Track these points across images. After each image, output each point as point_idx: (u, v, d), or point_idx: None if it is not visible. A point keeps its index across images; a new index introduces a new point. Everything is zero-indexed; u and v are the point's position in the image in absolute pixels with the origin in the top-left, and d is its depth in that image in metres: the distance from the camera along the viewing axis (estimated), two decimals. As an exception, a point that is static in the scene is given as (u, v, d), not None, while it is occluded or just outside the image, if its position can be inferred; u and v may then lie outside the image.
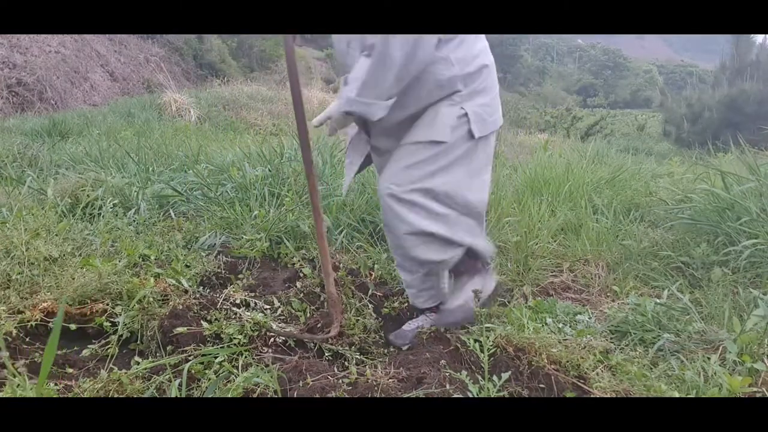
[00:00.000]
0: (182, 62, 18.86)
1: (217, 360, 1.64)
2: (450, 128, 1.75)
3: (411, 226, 1.75)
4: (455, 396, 1.48)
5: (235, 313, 1.97)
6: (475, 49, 1.79)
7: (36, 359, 1.65)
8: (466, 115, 1.76)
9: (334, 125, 1.80)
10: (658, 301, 2.19)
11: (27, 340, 1.77)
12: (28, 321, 1.80)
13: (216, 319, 1.89)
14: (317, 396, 1.46)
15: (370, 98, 1.69)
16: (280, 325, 1.98)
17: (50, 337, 1.21)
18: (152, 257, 2.34)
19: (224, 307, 2.02)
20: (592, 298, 2.52)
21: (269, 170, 3.58)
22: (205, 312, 1.96)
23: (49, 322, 1.82)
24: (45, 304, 1.86)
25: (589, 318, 2.22)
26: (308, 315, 2.06)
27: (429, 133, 1.76)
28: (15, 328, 1.73)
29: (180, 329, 1.80)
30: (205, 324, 1.85)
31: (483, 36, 1.86)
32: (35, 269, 2.10)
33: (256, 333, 1.85)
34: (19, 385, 1.35)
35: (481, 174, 1.87)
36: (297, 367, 1.62)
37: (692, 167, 4.68)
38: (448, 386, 1.51)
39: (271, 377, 1.49)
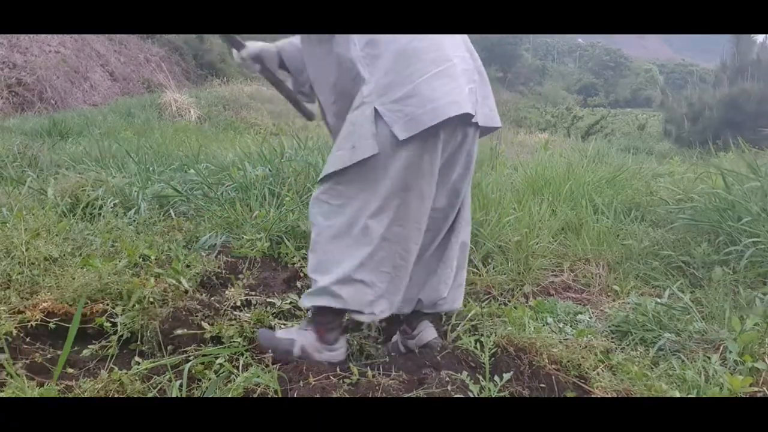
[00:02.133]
0: (182, 62, 18.85)
1: (217, 360, 1.64)
2: (372, 136, 1.49)
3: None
4: (456, 396, 1.47)
5: (236, 317, 1.97)
6: None
7: (36, 359, 1.65)
8: (377, 113, 1.49)
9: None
10: (658, 300, 2.19)
11: (27, 340, 1.77)
12: (28, 321, 1.80)
13: (217, 323, 1.89)
14: (318, 396, 1.45)
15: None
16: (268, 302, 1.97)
17: (67, 338, 1.23)
18: (152, 257, 2.34)
19: (225, 310, 2.01)
20: (593, 297, 2.52)
21: (270, 170, 3.58)
22: (208, 310, 1.95)
23: (49, 322, 1.82)
24: (45, 304, 1.86)
25: (590, 318, 2.22)
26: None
27: (353, 154, 1.52)
28: (15, 328, 1.73)
29: (179, 331, 1.80)
30: (206, 326, 1.85)
31: None
32: (35, 269, 2.10)
33: (256, 334, 1.85)
34: (18, 387, 1.36)
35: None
36: (297, 367, 1.62)
37: (693, 167, 4.68)
38: (449, 387, 1.51)
39: (271, 377, 1.49)
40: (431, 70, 1.50)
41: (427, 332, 1.84)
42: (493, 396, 1.48)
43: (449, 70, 1.53)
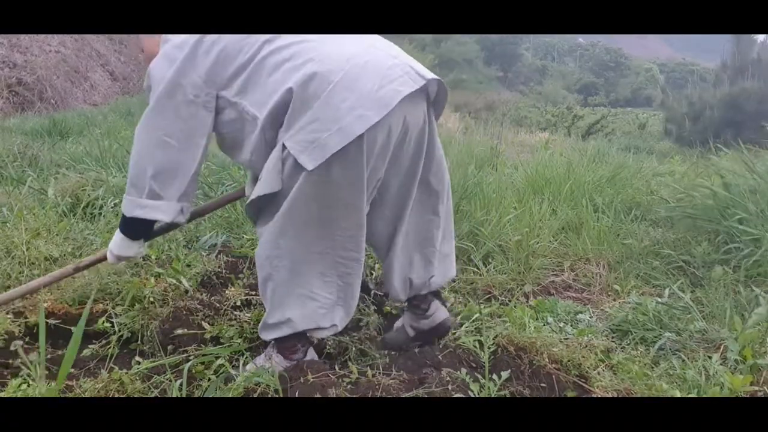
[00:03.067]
0: (182, 61, 18.81)
1: (217, 360, 1.64)
2: (277, 173, 1.46)
3: None
4: (456, 396, 1.47)
5: (237, 317, 1.97)
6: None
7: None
8: (284, 148, 1.44)
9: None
10: (659, 300, 2.19)
11: (27, 340, 1.77)
12: (29, 321, 1.80)
13: (217, 323, 1.89)
14: (318, 395, 1.46)
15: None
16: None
17: (72, 338, 1.23)
18: (153, 257, 2.34)
19: (225, 309, 2.01)
20: (594, 297, 2.52)
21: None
22: (208, 310, 1.96)
23: (49, 322, 1.82)
24: (45, 305, 1.86)
25: (590, 317, 2.22)
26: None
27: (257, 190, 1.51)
28: (16, 328, 1.73)
29: (180, 331, 1.80)
30: (206, 326, 1.85)
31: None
32: (36, 269, 2.10)
33: (256, 334, 1.85)
34: (30, 375, 1.36)
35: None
36: (298, 365, 1.62)
37: (693, 166, 4.68)
38: (449, 386, 1.51)
39: (271, 377, 1.49)
40: (325, 88, 1.40)
41: (440, 312, 1.84)
42: (493, 395, 1.48)
43: (344, 80, 1.41)
